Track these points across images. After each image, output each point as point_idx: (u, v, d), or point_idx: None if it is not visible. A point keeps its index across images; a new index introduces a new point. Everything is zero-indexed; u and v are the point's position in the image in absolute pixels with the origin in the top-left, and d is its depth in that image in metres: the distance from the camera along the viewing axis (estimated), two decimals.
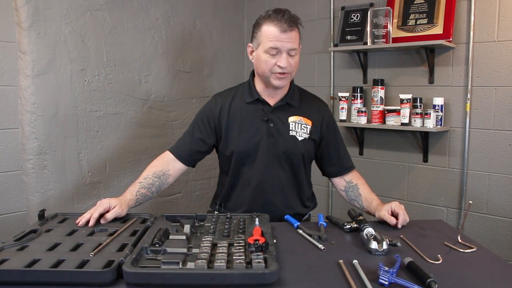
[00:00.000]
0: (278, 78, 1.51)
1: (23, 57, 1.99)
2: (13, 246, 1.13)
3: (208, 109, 1.65)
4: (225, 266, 0.98)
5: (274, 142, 1.57)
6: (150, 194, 1.55)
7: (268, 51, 1.47)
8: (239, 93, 1.65)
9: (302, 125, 1.60)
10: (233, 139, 1.59)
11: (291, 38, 1.47)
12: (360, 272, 1.04)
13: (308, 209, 1.70)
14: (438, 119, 2.30)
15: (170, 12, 2.61)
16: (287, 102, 1.60)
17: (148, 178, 1.56)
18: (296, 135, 1.59)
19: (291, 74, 1.54)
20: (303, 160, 1.61)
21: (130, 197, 1.48)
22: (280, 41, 1.45)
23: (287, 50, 1.47)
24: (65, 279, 0.97)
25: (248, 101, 1.60)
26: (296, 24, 1.50)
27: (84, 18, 2.19)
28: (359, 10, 2.60)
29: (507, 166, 2.20)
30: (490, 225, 2.27)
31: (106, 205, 1.37)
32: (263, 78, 1.55)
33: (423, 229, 1.41)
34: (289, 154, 1.58)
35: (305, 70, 2.91)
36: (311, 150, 1.63)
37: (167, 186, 1.63)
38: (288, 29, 1.46)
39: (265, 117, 1.58)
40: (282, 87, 1.57)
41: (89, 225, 1.32)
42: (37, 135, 2.04)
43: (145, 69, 2.50)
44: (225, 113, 1.61)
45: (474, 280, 1.04)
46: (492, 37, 2.19)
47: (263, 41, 1.48)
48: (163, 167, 1.61)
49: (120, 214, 1.39)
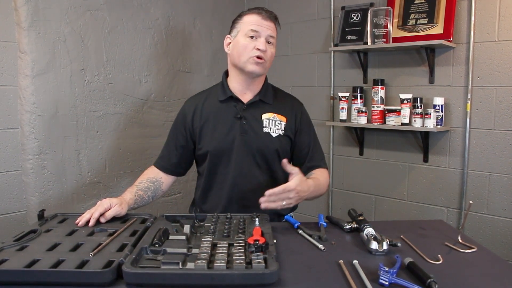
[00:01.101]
0: (255, 63, 1.52)
1: (23, 57, 1.98)
2: (13, 246, 1.13)
3: (182, 115, 1.67)
4: (225, 266, 0.98)
5: (248, 139, 1.57)
6: (147, 197, 1.57)
7: (248, 33, 1.52)
8: (212, 93, 1.66)
9: (276, 121, 1.60)
10: (207, 138, 1.59)
11: (270, 26, 1.55)
12: (360, 272, 1.03)
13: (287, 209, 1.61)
14: (438, 119, 2.30)
15: (170, 12, 2.61)
16: (260, 99, 1.60)
17: (143, 182, 1.59)
18: (270, 131, 1.58)
19: (266, 64, 1.55)
20: (278, 156, 1.60)
21: (130, 197, 1.49)
22: (261, 25, 1.53)
23: (266, 36, 1.53)
24: (65, 279, 0.97)
25: (221, 99, 1.60)
26: (276, 19, 1.59)
27: (84, 18, 2.18)
28: (359, 10, 2.60)
29: (507, 166, 2.20)
30: (491, 225, 2.26)
31: (107, 205, 1.37)
32: (239, 65, 1.55)
33: (423, 229, 1.41)
34: (263, 151, 1.58)
35: (305, 70, 2.91)
36: (286, 146, 1.62)
37: (161, 194, 1.66)
38: (269, 18, 1.55)
39: (238, 114, 1.58)
40: (257, 75, 1.56)
41: (89, 225, 1.32)
42: (37, 135, 2.04)
43: (145, 69, 2.50)
44: (198, 114, 1.62)
45: (475, 280, 1.03)
46: (492, 37, 2.19)
47: (244, 27, 1.54)
48: (155, 175, 1.64)
49: (120, 212, 1.39)
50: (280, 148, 1.60)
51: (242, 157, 1.57)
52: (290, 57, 2.98)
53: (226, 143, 1.57)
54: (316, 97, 2.86)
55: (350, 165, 2.78)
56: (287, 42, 2.98)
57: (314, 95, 2.87)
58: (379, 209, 2.68)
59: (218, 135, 1.58)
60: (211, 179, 1.62)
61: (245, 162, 1.57)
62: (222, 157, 1.58)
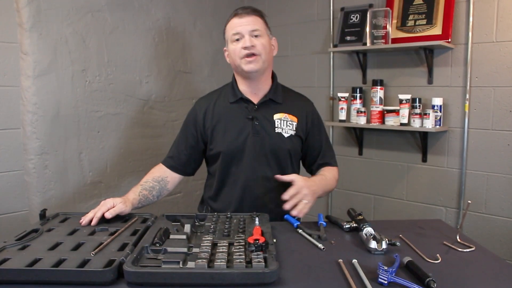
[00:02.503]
0: (247, 62, 1.52)
1: (25, 57, 1.99)
2: (15, 246, 1.14)
3: (192, 115, 1.66)
4: (225, 265, 0.99)
5: (260, 140, 1.57)
6: (151, 197, 1.57)
7: (233, 38, 1.53)
8: (222, 94, 1.66)
9: (288, 122, 1.60)
10: (219, 139, 1.59)
11: (249, 21, 1.53)
12: (360, 271, 1.04)
13: None
14: (437, 119, 2.31)
15: (170, 13, 2.62)
16: (270, 98, 1.61)
17: (148, 182, 1.59)
18: (282, 132, 1.59)
19: (262, 57, 1.53)
20: (290, 157, 1.61)
21: (134, 196, 1.49)
22: (240, 25, 1.53)
23: (248, 32, 1.52)
24: (66, 278, 0.98)
25: (232, 101, 1.61)
26: (256, 12, 1.57)
27: (85, 19, 2.19)
28: (359, 11, 2.61)
29: (505, 166, 2.21)
30: (489, 224, 2.27)
31: (110, 204, 1.38)
32: (238, 71, 1.58)
33: (422, 229, 1.41)
34: (275, 151, 1.58)
35: (305, 70, 2.92)
36: (297, 147, 1.63)
37: (167, 193, 1.65)
38: (245, 14, 1.54)
39: (250, 115, 1.58)
40: (256, 72, 1.55)
41: (91, 224, 1.33)
42: (39, 135, 2.05)
43: (145, 69, 2.51)
44: (209, 115, 1.62)
45: (473, 279, 1.04)
46: (490, 38, 2.20)
47: (228, 35, 1.56)
48: (161, 173, 1.64)
49: (124, 210, 1.39)
50: (292, 148, 1.60)
51: (254, 157, 1.57)
52: (290, 58, 2.99)
53: (239, 144, 1.57)
54: (315, 98, 2.84)
55: (349, 165, 2.79)
56: (287, 42, 2.99)
57: (313, 95, 2.84)
58: (378, 208, 2.69)
59: (230, 135, 1.58)
60: (223, 179, 1.62)
61: (257, 162, 1.57)
62: (234, 157, 1.58)
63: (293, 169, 1.65)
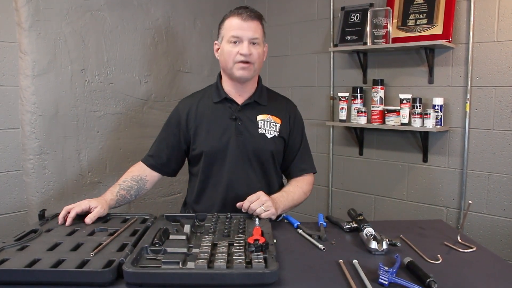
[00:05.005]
0: (241, 68, 1.51)
1: (24, 57, 1.99)
2: (14, 246, 1.14)
3: (175, 114, 1.65)
4: (225, 266, 0.98)
5: (243, 140, 1.56)
6: (129, 196, 1.56)
7: (230, 39, 1.50)
8: (206, 94, 1.66)
9: (271, 123, 1.60)
10: (202, 139, 1.59)
11: (252, 28, 1.50)
12: (360, 272, 1.04)
13: None
14: (437, 119, 2.30)
15: (170, 12, 2.62)
16: (255, 100, 1.60)
17: (126, 181, 1.58)
18: (265, 132, 1.58)
19: (255, 66, 1.53)
20: (272, 158, 1.61)
21: (111, 197, 1.49)
22: (241, 29, 1.49)
23: (249, 39, 1.50)
24: (66, 279, 0.97)
25: (216, 101, 1.60)
26: (258, 17, 1.54)
27: (84, 18, 2.19)
28: (359, 10, 2.60)
29: (506, 166, 2.21)
30: (490, 225, 2.27)
31: (85, 206, 1.38)
32: (227, 72, 1.56)
33: (422, 229, 1.41)
34: (258, 152, 1.58)
35: (305, 70, 2.92)
36: (280, 148, 1.63)
37: (145, 192, 1.64)
38: (249, 19, 1.50)
39: (233, 115, 1.57)
40: (246, 79, 1.55)
41: (66, 224, 1.33)
42: (38, 135, 2.05)
43: (145, 69, 2.51)
44: (192, 115, 1.61)
45: (474, 280, 1.04)
46: (491, 37, 2.19)
47: (226, 33, 1.52)
48: (140, 172, 1.63)
49: (102, 214, 1.40)
50: (274, 149, 1.60)
51: (237, 158, 1.57)
52: (290, 57, 2.98)
53: (222, 144, 1.56)
54: (316, 97, 2.87)
55: (349, 165, 2.79)
56: (287, 42, 2.99)
57: (314, 95, 2.88)
58: (378, 209, 2.68)
59: (213, 136, 1.57)
60: (205, 180, 1.61)
61: (240, 163, 1.57)
62: (217, 158, 1.57)
63: (275, 170, 1.65)
